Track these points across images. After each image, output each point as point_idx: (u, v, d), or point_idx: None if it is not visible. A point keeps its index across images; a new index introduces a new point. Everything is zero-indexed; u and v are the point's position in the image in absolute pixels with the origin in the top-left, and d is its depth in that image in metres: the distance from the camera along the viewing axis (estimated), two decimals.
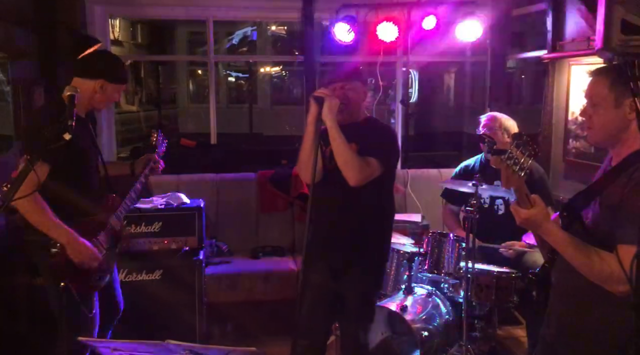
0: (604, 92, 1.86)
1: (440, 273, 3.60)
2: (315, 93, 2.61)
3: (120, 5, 4.91)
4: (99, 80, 2.68)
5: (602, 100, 1.87)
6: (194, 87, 15.95)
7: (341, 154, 2.61)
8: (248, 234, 4.83)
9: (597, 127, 1.92)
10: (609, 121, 1.88)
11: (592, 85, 1.91)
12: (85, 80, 2.67)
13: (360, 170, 2.60)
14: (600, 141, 1.98)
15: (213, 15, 5.03)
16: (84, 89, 2.61)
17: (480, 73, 5.76)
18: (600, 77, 1.89)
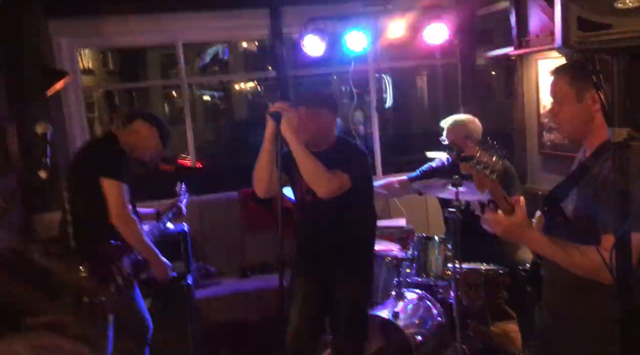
0: (565, 89, 1.95)
1: (428, 276, 3.63)
2: (271, 109, 2.55)
3: (86, 37, 4.88)
4: (154, 128, 3.04)
5: (565, 96, 1.95)
6: (169, 109, 15.89)
7: (306, 168, 2.59)
8: (235, 254, 4.82)
9: (565, 123, 2.00)
10: (574, 116, 1.96)
11: (554, 84, 2.00)
12: (145, 124, 3.03)
13: (328, 182, 2.60)
14: (571, 135, 2.06)
15: (182, 38, 5.02)
16: (138, 130, 3.01)
17: (451, 73, 5.82)
18: (560, 75, 1.98)
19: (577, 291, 1.95)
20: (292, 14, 5.08)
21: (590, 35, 1.65)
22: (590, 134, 1.98)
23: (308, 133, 2.72)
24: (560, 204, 2.02)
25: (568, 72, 1.95)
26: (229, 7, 4.92)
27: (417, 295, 3.70)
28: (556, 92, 1.99)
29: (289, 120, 2.50)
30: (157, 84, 11.77)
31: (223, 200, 4.92)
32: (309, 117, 2.73)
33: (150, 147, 3.04)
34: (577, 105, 1.94)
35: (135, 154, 3.00)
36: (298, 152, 2.56)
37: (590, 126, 1.96)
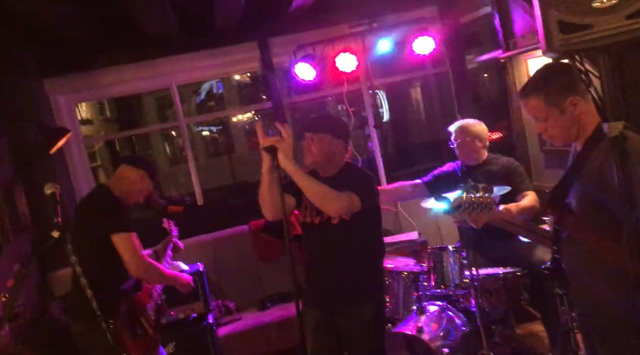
0: (543, 108, 2.04)
1: (447, 287, 3.60)
2: (264, 144, 2.49)
3: (82, 91, 4.96)
4: (142, 171, 2.99)
5: (547, 114, 2.04)
6: (170, 149, 15.97)
7: (313, 193, 2.59)
8: (252, 287, 4.82)
9: (556, 135, 2.10)
10: (563, 127, 2.05)
11: (530, 107, 2.09)
12: (132, 168, 2.98)
13: (338, 201, 2.59)
14: (566, 142, 2.14)
15: (176, 81, 5.12)
16: (126, 175, 2.96)
17: (443, 81, 5.89)
18: (533, 97, 2.06)
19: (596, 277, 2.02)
20: (280, 44, 5.18)
21: (572, 37, 1.69)
22: (581, 133, 2.06)
23: (311, 157, 2.77)
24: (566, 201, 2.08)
25: (540, 91, 2.03)
26: (219, 45, 5.02)
27: (439, 307, 3.68)
28: (537, 113, 2.07)
29: (285, 151, 2.48)
30: (156, 128, 11.86)
31: (234, 235, 4.94)
32: (313, 142, 2.77)
33: (141, 189, 3.01)
34: (562, 117, 2.02)
35: (131, 200, 2.98)
36: (300, 179, 2.56)
37: (578, 127, 2.05)
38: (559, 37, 1.71)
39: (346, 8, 4.95)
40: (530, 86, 2.10)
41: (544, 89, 2.03)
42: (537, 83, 2.09)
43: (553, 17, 1.70)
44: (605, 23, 1.65)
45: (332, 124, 2.91)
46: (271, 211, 2.71)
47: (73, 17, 3.80)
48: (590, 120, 2.02)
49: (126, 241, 2.74)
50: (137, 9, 3.75)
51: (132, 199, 3.00)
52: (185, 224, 5.17)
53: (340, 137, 2.85)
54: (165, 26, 4.36)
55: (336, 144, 2.83)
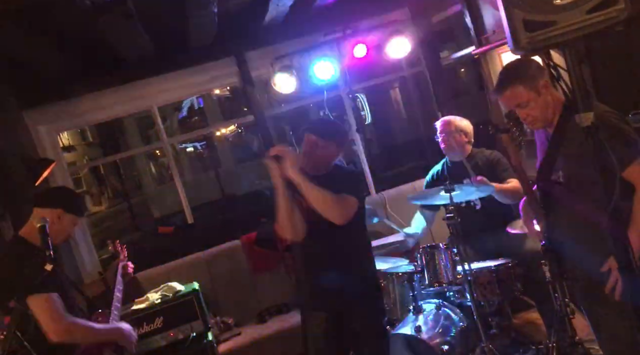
0: (524, 94, 2.27)
1: (441, 284, 3.64)
2: (270, 153, 2.60)
3: (63, 120, 4.94)
4: (58, 210, 2.70)
5: (527, 99, 2.27)
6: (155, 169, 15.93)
7: (318, 201, 2.63)
8: (249, 301, 4.82)
9: (538, 117, 2.32)
10: (542, 107, 2.29)
11: (510, 97, 2.32)
12: (44, 210, 2.68)
13: (342, 207, 2.66)
14: (545, 122, 2.35)
15: (156, 102, 5.12)
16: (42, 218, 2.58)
17: (421, 81, 5.95)
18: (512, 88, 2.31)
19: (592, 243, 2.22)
20: (257, 57, 5.20)
21: (538, 34, 1.76)
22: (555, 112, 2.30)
23: (312, 160, 2.82)
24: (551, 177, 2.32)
25: (517, 80, 2.28)
26: (197, 63, 5.04)
27: (435, 304, 3.73)
28: (519, 100, 2.29)
29: (292, 160, 2.55)
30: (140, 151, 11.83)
31: (227, 250, 4.94)
32: (318, 147, 2.82)
33: (63, 229, 2.72)
34: (540, 98, 2.25)
35: (57, 241, 2.69)
36: (307, 188, 2.59)
37: (553, 107, 2.29)
38: (524, 35, 1.77)
39: (320, 17, 5.00)
40: (506, 79, 2.34)
41: (519, 78, 2.27)
42: (511, 75, 2.34)
43: (518, 16, 1.76)
44: (568, 19, 1.72)
45: (339, 134, 3.00)
46: (293, 231, 2.70)
47: (48, 48, 3.81)
48: (558, 100, 2.29)
49: (42, 303, 2.39)
50: (112, 35, 3.76)
51: (58, 241, 2.73)
52: (177, 243, 5.22)
53: (342, 146, 2.95)
54: (141, 49, 4.37)
55: (338, 152, 2.93)
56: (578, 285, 2.46)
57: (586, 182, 2.12)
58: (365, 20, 5.27)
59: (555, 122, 2.29)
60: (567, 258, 2.40)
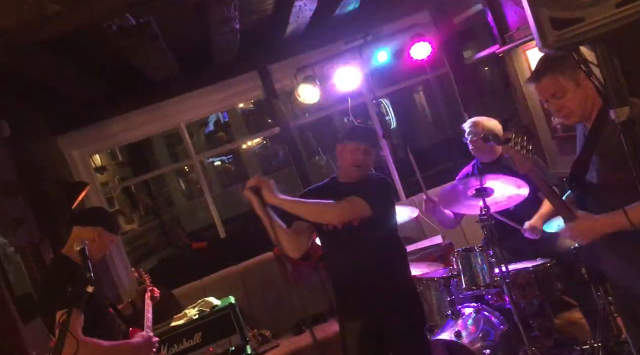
0: (562, 83, 2.11)
1: (479, 287, 3.58)
2: (246, 186, 2.62)
3: (94, 143, 5.07)
4: (98, 228, 2.81)
5: (565, 89, 2.11)
6: (185, 185, 16.08)
7: (306, 213, 2.68)
8: (286, 312, 4.83)
9: (574, 110, 2.15)
10: (580, 100, 2.12)
11: (547, 86, 2.15)
12: (85, 228, 2.80)
13: (331, 210, 2.67)
14: (582, 117, 2.19)
15: (183, 120, 5.20)
16: (83, 237, 2.74)
17: (445, 82, 5.91)
18: (549, 75, 2.13)
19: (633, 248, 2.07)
20: (280, 69, 5.25)
21: (566, 32, 1.72)
22: (594, 108, 2.14)
23: (360, 167, 2.84)
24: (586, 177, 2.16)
25: (555, 69, 2.10)
26: (221, 79, 5.11)
27: (474, 308, 3.67)
28: (555, 90, 2.13)
29: (269, 188, 2.57)
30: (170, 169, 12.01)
31: (260, 262, 4.97)
32: (364, 154, 2.84)
33: (104, 246, 2.85)
34: (578, 90, 2.10)
35: (96, 259, 2.81)
36: (289, 206, 2.63)
37: (592, 101, 2.12)
38: (552, 33, 1.74)
39: (340, 25, 5.02)
40: (543, 68, 2.17)
41: (559, 67, 2.10)
42: (549, 64, 2.16)
43: (544, 14, 1.73)
44: (596, 14, 1.68)
45: (376, 139, 3.14)
46: (293, 250, 2.77)
47: (78, 74, 3.91)
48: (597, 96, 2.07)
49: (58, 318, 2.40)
50: (139, 58, 3.84)
51: (96, 258, 2.84)
52: (211, 258, 5.27)
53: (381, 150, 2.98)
54: (167, 69, 4.45)
55: (375, 158, 2.98)
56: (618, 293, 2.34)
57: (621, 186, 2.00)
58: (385, 26, 5.28)
59: (593, 118, 2.15)
60: (603, 265, 2.29)
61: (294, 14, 4.14)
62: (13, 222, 3.83)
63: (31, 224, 4.00)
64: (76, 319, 2.50)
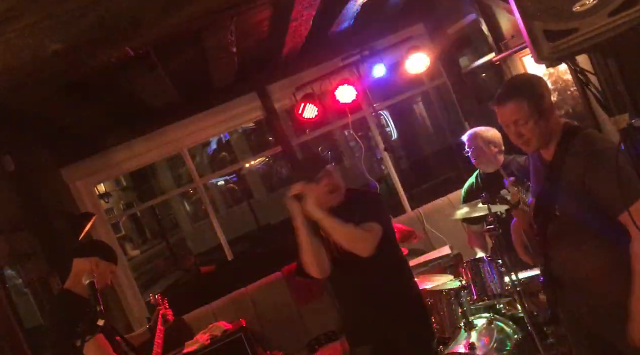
0: (526, 110, 2.06)
1: (490, 297, 3.56)
2: (291, 193, 2.55)
3: (97, 173, 5.09)
4: (94, 258, 2.89)
5: (529, 117, 2.06)
6: (190, 207, 16.09)
7: (343, 237, 2.58)
8: (297, 332, 4.81)
9: (533, 138, 2.11)
10: (542, 131, 2.08)
11: (511, 111, 2.10)
12: (82, 260, 2.89)
13: (367, 239, 2.59)
14: (540, 146, 2.16)
15: (185, 145, 5.23)
16: (82, 269, 2.83)
17: (444, 92, 5.94)
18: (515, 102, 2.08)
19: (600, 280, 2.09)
20: (279, 89, 5.29)
21: (561, 43, 1.74)
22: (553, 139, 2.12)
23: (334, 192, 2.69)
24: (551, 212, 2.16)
25: (523, 95, 2.07)
26: (221, 102, 5.15)
27: (487, 319, 3.64)
28: (518, 117, 2.08)
29: (313, 198, 2.51)
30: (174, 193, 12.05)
31: (270, 283, 4.95)
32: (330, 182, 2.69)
33: (102, 276, 2.88)
34: (540, 121, 2.06)
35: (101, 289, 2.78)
36: (331, 225, 2.54)
37: (552, 133, 2.10)
38: (547, 46, 1.76)
39: (336, 42, 5.06)
40: (511, 92, 2.12)
41: (526, 94, 2.06)
42: (517, 89, 2.12)
43: (538, 27, 1.76)
44: (590, 24, 1.70)
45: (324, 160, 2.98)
46: (317, 269, 2.64)
47: (79, 107, 3.94)
48: (558, 126, 2.10)
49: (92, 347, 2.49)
50: (138, 87, 3.88)
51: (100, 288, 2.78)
52: (220, 281, 5.26)
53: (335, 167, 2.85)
54: (167, 97, 4.49)
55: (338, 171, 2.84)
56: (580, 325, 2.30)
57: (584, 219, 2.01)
58: (381, 40, 5.32)
59: (553, 149, 2.12)
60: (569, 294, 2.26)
61: (290, 35, 4.18)
62: (21, 256, 3.84)
63: (39, 258, 4.00)
64: (101, 343, 2.61)
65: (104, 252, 2.98)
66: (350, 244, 2.59)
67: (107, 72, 3.13)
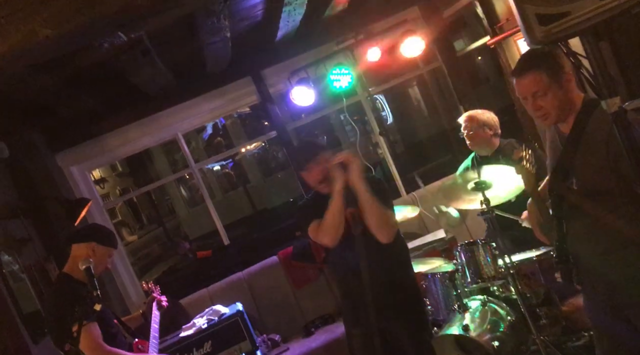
0: (545, 81, 2.05)
1: (484, 280, 3.60)
2: (336, 160, 2.57)
3: (93, 158, 5.08)
4: (91, 243, 2.89)
5: (548, 88, 2.06)
6: (186, 192, 16.09)
7: (378, 216, 2.60)
8: (293, 315, 4.85)
9: (552, 111, 2.11)
10: (561, 102, 2.08)
11: (530, 83, 2.09)
12: (80, 245, 2.89)
13: (394, 226, 2.65)
14: (558, 119, 2.16)
15: (180, 130, 5.22)
16: (79, 254, 2.84)
17: (439, 75, 5.92)
18: (533, 74, 2.08)
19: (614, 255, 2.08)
20: (274, 73, 5.26)
21: (553, 27, 1.75)
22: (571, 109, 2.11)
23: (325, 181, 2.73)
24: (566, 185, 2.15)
25: (541, 67, 2.06)
26: (215, 87, 5.13)
27: (480, 301, 3.68)
28: (537, 88, 2.08)
29: (359, 168, 2.53)
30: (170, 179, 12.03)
31: (266, 267, 4.97)
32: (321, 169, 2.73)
33: (100, 260, 2.87)
34: (560, 91, 2.05)
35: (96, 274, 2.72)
36: (367, 199, 2.56)
37: (571, 104, 2.10)
38: (539, 29, 1.76)
39: (330, 26, 5.03)
40: (529, 63, 2.11)
41: (544, 65, 2.05)
42: (535, 60, 2.10)
43: (530, 11, 1.76)
44: (581, 8, 1.71)
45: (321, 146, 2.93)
46: (333, 237, 2.67)
47: (74, 92, 3.92)
48: (577, 97, 2.09)
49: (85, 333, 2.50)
50: (132, 72, 3.86)
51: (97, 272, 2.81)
52: (216, 266, 5.28)
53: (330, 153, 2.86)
54: (161, 82, 4.47)
55: None
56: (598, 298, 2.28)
57: (598, 192, 1.99)
58: (376, 24, 5.29)
59: (570, 122, 2.11)
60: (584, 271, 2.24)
61: (283, 19, 4.16)
62: (17, 242, 3.85)
63: (36, 243, 4.02)
64: (93, 331, 2.62)
65: (101, 236, 2.97)
66: (379, 224, 2.63)
67: (100, 57, 3.11)
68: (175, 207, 16.00)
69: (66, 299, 2.68)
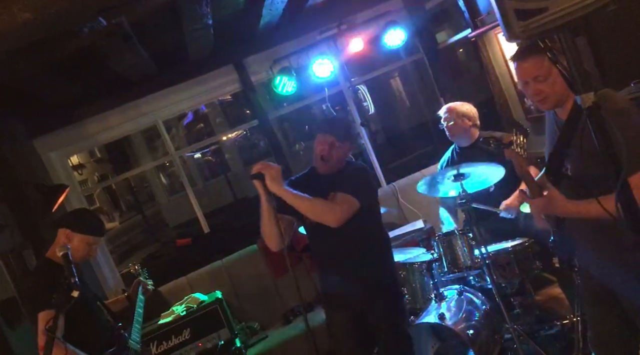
0: (546, 66, 2.08)
1: (460, 269, 3.66)
2: (252, 172, 2.65)
3: (72, 144, 5.01)
4: (66, 230, 2.82)
5: (548, 72, 2.09)
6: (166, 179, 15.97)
7: (308, 210, 2.69)
8: (273, 303, 4.87)
9: (552, 95, 2.14)
10: (561, 87, 2.11)
11: (531, 66, 2.12)
12: (60, 231, 2.84)
13: (332, 211, 2.69)
14: (557, 104, 2.19)
15: (160, 117, 5.17)
16: (58, 240, 2.81)
17: (421, 67, 5.96)
18: (534, 57, 2.11)
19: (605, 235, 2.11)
20: (256, 62, 5.24)
21: (531, 22, 1.77)
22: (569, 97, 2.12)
23: (328, 161, 2.83)
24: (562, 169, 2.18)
25: (542, 50, 2.03)
26: (197, 74, 5.09)
27: (456, 290, 3.76)
28: (539, 72, 2.11)
29: (272, 176, 2.61)
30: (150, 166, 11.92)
31: (245, 256, 4.99)
32: (335, 148, 2.83)
33: (76, 248, 2.80)
34: (560, 77, 2.06)
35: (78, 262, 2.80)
36: (291, 199, 2.65)
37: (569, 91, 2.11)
38: (518, 24, 1.78)
39: (313, 15, 5.02)
40: (532, 47, 2.12)
41: (545, 48, 2.00)
42: (536, 45, 2.08)
43: (509, 6, 1.78)
44: (559, 3, 1.72)
45: (352, 130, 3.05)
46: (274, 242, 2.80)
47: (53, 77, 3.87)
48: None
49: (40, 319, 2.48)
50: (113, 58, 3.81)
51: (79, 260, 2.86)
52: (196, 254, 5.29)
53: (355, 142, 3.01)
54: (142, 68, 4.42)
55: (351, 149, 2.98)
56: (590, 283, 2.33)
57: (594, 179, 2.01)
58: (359, 14, 5.30)
59: (568, 108, 2.13)
60: (578, 256, 2.32)
61: (266, 7, 4.14)
62: None
63: (13, 229, 3.97)
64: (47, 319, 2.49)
65: (75, 223, 2.86)
66: (314, 216, 2.72)
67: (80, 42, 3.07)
68: (155, 194, 15.89)
69: (45, 284, 2.61)
